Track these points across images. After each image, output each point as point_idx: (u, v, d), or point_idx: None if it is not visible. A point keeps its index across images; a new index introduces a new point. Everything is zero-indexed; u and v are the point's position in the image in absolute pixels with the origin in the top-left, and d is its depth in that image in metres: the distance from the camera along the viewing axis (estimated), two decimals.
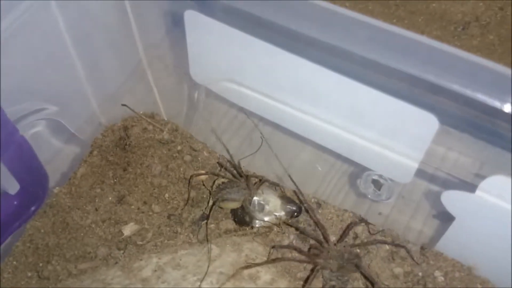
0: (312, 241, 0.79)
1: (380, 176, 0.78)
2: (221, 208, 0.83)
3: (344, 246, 0.76)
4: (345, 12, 0.66)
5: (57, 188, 0.86)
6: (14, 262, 0.79)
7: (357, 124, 0.73)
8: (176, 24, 0.82)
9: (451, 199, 0.69)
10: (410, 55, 0.63)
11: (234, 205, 0.82)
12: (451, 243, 0.75)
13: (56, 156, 0.88)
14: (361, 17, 0.65)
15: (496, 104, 0.59)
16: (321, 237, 0.78)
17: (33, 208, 0.84)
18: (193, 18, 0.76)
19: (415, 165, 0.72)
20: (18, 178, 0.78)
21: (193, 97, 0.94)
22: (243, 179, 0.84)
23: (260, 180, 0.84)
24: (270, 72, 0.75)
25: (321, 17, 0.66)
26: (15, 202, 0.81)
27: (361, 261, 0.74)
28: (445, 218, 0.73)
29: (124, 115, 0.93)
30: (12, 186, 0.78)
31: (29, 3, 0.70)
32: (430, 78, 0.61)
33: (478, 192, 0.66)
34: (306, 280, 0.74)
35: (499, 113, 0.59)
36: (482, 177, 0.65)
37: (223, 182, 0.85)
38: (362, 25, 0.65)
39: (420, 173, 0.75)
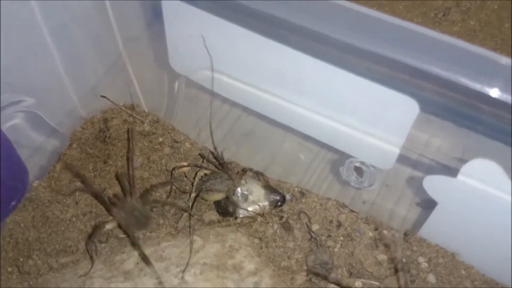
0: None
1: (362, 163, 0.78)
2: (205, 200, 0.83)
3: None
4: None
5: (36, 182, 0.85)
6: None
7: (338, 111, 0.73)
8: (157, 15, 0.81)
9: (433, 184, 0.69)
10: (391, 39, 0.62)
11: (219, 196, 0.81)
12: (434, 229, 0.75)
13: (35, 149, 0.87)
14: (341, 3, 0.65)
15: (477, 86, 0.59)
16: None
17: (13, 203, 0.83)
18: (171, 6, 0.75)
19: (396, 151, 0.72)
20: None
21: (174, 88, 0.93)
22: (226, 170, 0.83)
23: (243, 170, 0.83)
24: (250, 59, 0.75)
25: (301, 3, 0.65)
26: None
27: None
28: (428, 204, 0.73)
29: (104, 107, 0.92)
30: None
31: None
32: (409, 61, 0.61)
33: (459, 177, 0.66)
34: None
35: (480, 96, 0.59)
36: (464, 161, 0.65)
37: (205, 174, 0.84)
38: (342, 11, 0.65)
39: (402, 159, 0.75)
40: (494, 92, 0.58)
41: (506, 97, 0.57)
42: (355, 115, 0.72)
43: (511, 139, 0.62)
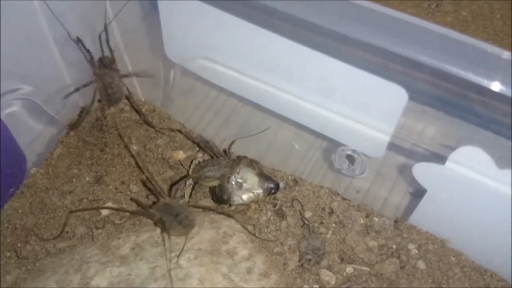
0: None
1: (354, 151, 0.79)
2: (200, 185, 0.84)
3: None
4: None
5: (34, 169, 0.86)
6: None
7: (330, 99, 0.74)
8: (154, 6, 0.82)
9: (422, 171, 0.71)
10: (382, 29, 0.63)
11: (214, 182, 0.83)
12: (424, 216, 0.76)
13: (32, 137, 0.88)
14: None
15: (467, 76, 0.60)
16: None
17: (11, 190, 0.84)
18: None
19: (386, 139, 0.73)
20: None
21: (169, 78, 0.94)
22: (222, 157, 0.85)
23: (238, 157, 0.85)
24: (243, 48, 0.76)
25: None
26: None
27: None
28: (419, 192, 0.74)
29: None
30: None
31: None
32: (399, 51, 0.62)
33: (448, 164, 0.67)
34: None
35: (469, 85, 0.61)
36: (452, 149, 0.66)
37: (203, 160, 0.86)
38: (335, 1, 0.66)
39: (393, 147, 0.77)
40: (484, 82, 0.59)
41: (495, 86, 0.59)
42: (345, 103, 0.74)
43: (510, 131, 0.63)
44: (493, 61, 0.60)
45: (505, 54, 0.59)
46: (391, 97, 0.67)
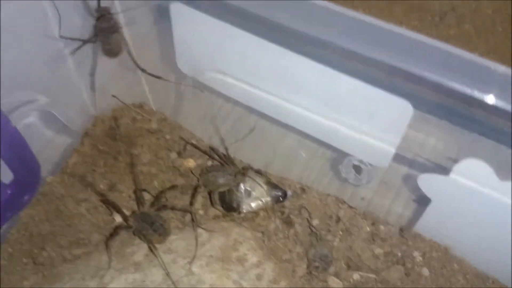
0: None
1: (361, 161, 0.82)
2: (210, 190, 0.86)
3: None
4: (326, 5, 0.69)
5: (49, 177, 0.88)
6: (10, 250, 0.82)
7: (337, 111, 0.77)
8: (162, 15, 0.84)
9: (427, 182, 0.73)
10: (387, 45, 0.66)
11: (221, 188, 0.84)
12: (429, 224, 0.79)
13: (48, 146, 0.90)
14: (342, 10, 0.68)
15: (470, 92, 0.62)
16: None
17: (26, 197, 0.86)
18: (179, 10, 0.79)
19: (392, 150, 0.75)
20: (11, 168, 0.81)
21: (180, 88, 0.96)
22: (231, 165, 0.87)
23: (245, 168, 0.87)
24: (253, 62, 0.78)
25: (301, 9, 0.69)
26: (9, 191, 0.83)
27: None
28: (423, 201, 0.77)
29: (114, 105, 0.95)
30: (6, 175, 0.80)
31: None
32: (405, 67, 0.65)
33: (452, 175, 0.69)
34: None
35: (472, 100, 0.63)
36: (456, 161, 0.69)
37: (211, 166, 0.88)
38: (342, 17, 0.68)
39: (399, 158, 0.79)
40: (488, 98, 0.61)
41: (499, 103, 0.61)
42: (352, 116, 0.76)
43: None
44: (492, 76, 0.62)
45: (503, 68, 0.62)
46: (397, 110, 0.69)
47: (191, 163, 0.91)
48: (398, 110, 0.69)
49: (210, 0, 0.74)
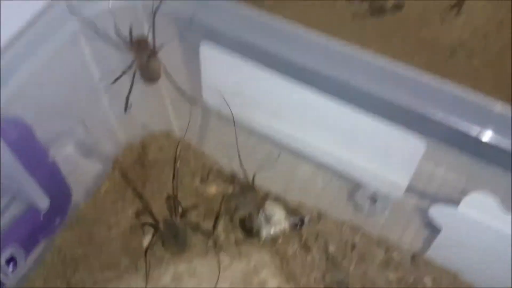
0: None
1: (375, 191, 0.87)
2: (231, 215, 0.90)
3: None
4: (342, 49, 0.75)
5: (82, 203, 0.94)
6: (45, 272, 0.86)
7: (353, 146, 0.82)
8: (191, 50, 0.89)
9: (437, 213, 0.78)
10: (403, 89, 0.71)
11: (244, 214, 0.89)
12: (439, 251, 0.83)
13: (80, 173, 0.96)
14: (359, 53, 0.74)
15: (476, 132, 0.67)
16: None
17: (57, 222, 0.91)
18: (208, 48, 0.85)
19: (405, 183, 0.80)
20: (48, 194, 0.86)
21: (205, 118, 1.02)
22: (252, 192, 0.91)
23: (266, 193, 0.92)
24: (276, 101, 0.84)
25: (322, 51, 0.75)
26: (41, 217, 0.88)
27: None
28: (434, 229, 0.82)
29: (142, 134, 1.01)
30: (43, 203, 0.86)
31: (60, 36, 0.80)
32: (418, 109, 0.70)
33: (461, 207, 0.75)
34: None
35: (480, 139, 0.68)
36: (464, 193, 0.74)
37: (233, 192, 0.93)
38: (360, 62, 0.74)
39: (411, 188, 0.84)
40: (489, 136, 0.67)
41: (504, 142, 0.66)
42: (367, 150, 0.81)
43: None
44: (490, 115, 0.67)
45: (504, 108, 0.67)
46: (409, 147, 0.75)
47: (213, 189, 0.96)
48: (411, 146, 0.74)
49: (239, 42, 0.80)
